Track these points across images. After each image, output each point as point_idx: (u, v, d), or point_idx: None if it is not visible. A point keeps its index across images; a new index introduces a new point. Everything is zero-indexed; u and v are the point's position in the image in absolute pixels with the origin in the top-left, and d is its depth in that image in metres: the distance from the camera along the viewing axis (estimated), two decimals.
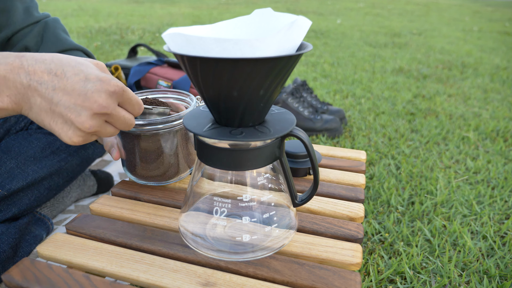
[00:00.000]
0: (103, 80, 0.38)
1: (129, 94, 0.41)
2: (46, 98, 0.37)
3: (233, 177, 0.42)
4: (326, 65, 2.33)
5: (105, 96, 0.38)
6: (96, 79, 0.38)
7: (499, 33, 3.83)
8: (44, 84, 0.37)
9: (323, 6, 6.42)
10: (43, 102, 0.37)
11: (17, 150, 0.69)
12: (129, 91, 0.41)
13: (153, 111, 0.51)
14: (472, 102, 1.68)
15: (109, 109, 0.39)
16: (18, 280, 0.39)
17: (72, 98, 0.37)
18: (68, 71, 0.37)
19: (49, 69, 0.37)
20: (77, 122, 0.38)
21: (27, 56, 0.38)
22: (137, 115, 0.44)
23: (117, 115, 0.40)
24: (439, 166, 1.10)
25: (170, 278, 0.40)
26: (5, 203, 0.66)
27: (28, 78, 0.37)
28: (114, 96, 0.39)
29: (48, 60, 0.38)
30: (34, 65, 0.37)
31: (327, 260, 0.43)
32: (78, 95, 0.37)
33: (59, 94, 0.37)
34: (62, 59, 0.38)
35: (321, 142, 1.24)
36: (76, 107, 0.37)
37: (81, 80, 0.37)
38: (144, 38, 3.12)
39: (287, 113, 0.43)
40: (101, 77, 0.38)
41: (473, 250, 0.75)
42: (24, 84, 0.37)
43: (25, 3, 0.70)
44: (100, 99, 0.38)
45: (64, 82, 0.37)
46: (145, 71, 1.38)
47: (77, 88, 0.37)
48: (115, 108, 0.40)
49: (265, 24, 0.39)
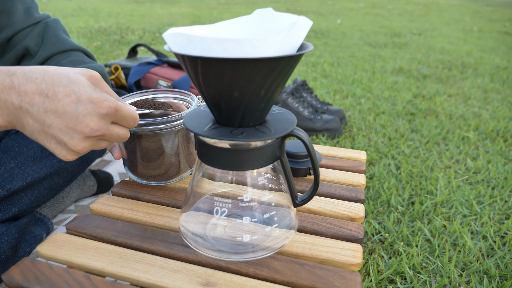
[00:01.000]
0: (95, 102, 0.37)
1: (122, 112, 0.40)
2: (38, 120, 0.37)
3: (233, 177, 0.42)
4: (326, 65, 2.33)
5: (97, 120, 0.38)
6: (88, 101, 0.37)
7: (499, 33, 3.83)
8: (36, 106, 0.36)
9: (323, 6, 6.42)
10: (35, 123, 0.37)
11: (17, 150, 0.69)
12: (122, 109, 0.40)
13: (152, 114, 0.51)
14: (472, 102, 1.68)
15: (101, 131, 0.39)
16: (19, 280, 0.39)
17: (64, 121, 0.37)
18: (59, 92, 0.37)
19: (40, 89, 0.36)
20: (70, 145, 0.38)
21: (18, 74, 0.37)
22: (133, 127, 0.44)
23: (110, 133, 0.40)
24: (439, 166, 1.10)
25: (171, 278, 0.40)
26: (5, 203, 0.66)
27: (19, 99, 0.36)
28: (106, 118, 0.39)
29: (39, 79, 0.37)
30: (25, 85, 0.36)
31: (327, 260, 0.43)
32: (69, 118, 0.37)
33: (50, 116, 0.37)
34: (53, 77, 0.37)
35: (321, 142, 1.24)
36: (68, 130, 0.37)
37: (72, 102, 0.37)
38: (144, 38, 3.12)
39: (287, 113, 0.43)
40: (93, 99, 0.37)
41: (473, 250, 0.75)
42: (16, 105, 0.36)
43: (25, 4, 0.70)
44: (92, 123, 0.37)
45: (56, 104, 0.36)
46: (145, 71, 1.38)
47: (69, 111, 0.37)
48: (108, 128, 0.40)
49: (266, 24, 0.39)
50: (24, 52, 0.70)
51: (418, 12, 5.69)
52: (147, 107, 0.51)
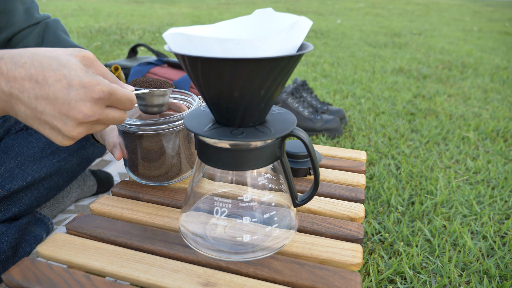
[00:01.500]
0: (87, 86, 0.36)
1: (117, 95, 0.38)
2: (30, 107, 0.36)
3: (233, 177, 0.42)
4: (326, 65, 2.33)
5: (90, 105, 0.36)
6: (80, 85, 0.35)
7: (499, 33, 3.83)
8: (26, 92, 0.35)
9: (323, 6, 6.42)
10: (27, 110, 0.36)
11: (17, 150, 0.69)
12: (117, 92, 0.38)
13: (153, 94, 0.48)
14: (472, 102, 1.68)
15: (95, 116, 0.37)
16: (19, 280, 0.39)
17: (56, 107, 0.35)
18: (49, 77, 0.35)
19: (30, 75, 0.35)
20: (64, 131, 0.37)
21: (6, 58, 0.36)
22: (130, 109, 0.42)
23: (106, 117, 0.39)
24: (439, 166, 1.10)
25: (171, 278, 0.40)
26: (5, 203, 0.66)
27: (9, 86, 0.35)
28: (100, 102, 0.37)
29: (28, 63, 0.35)
30: (14, 70, 0.35)
31: (327, 260, 0.43)
32: (61, 104, 0.35)
33: (42, 103, 0.35)
34: (42, 61, 0.36)
35: (321, 142, 1.24)
36: (61, 116, 0.36)
37: (63, 87, 0.35)
38: (144, 38, 3.12)
39: (287, 113, 0.43)
40: (85, 83, 0.36)
41: (473, 250, 0.75)
42: (6, 92, 0.35)
43: (25, 4, 0.70)
44: (85, 109, 0.36)
45: (46, 90, 0.35)
46: (145, 71, 1.38)
47: (60, 97, 0.35)
48: (102, 113, 0.38)
49: (266, 24, 0.39)
50: None
51: (418, 12, 5.69)
52: (147, 86, 0.49)
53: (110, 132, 0.57)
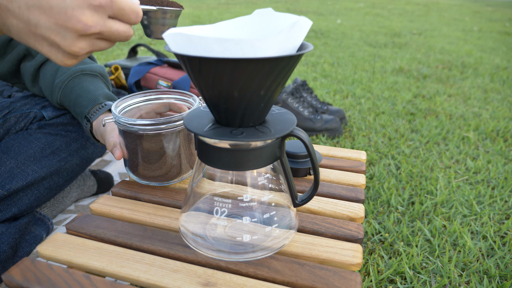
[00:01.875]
0: None
1: (120, 4, 0.34)
2: (22, 19, 0.32)
3: (233, 177, 0.42)
4: (326, 65, 2.33)
5: (89, 13, 0.32)
6: None
7: (499, 33, 3.83)
8: (16, 1, 0.31)
9: (323, 6, 6.42)
10: (20, 24, 0.32)
11: (16, 150, 0.69)
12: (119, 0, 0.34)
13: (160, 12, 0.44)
14: (472, 102, 1.68)
15: (97, 27, 0.33)
16: (19, 280, 0.39)
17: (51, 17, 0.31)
18: None
19: None
20: (63, 46, 0.33)
21: None
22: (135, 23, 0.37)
23: (109, 30, 0.34)
24: (439, 166, 1.10)
25: (171, 278, 0.40)
26: (5, 203, 0.66)
27: None
28: (100, 11, 0.33)
29: None
30: None
31: (327, 260, 0.43)
32: (57, 14, 0.31)
33: (35, 13, 0.31)
34: None
35: (321, 142, 1.24)
36: (59, 29, 0.32)
37: None
38: (144, 38, 3.12)
39: (287, 113, 0.43)
40: None
41: (473, 250, 0.75)
42: None
43: None
44: (84, 17, 0.32)
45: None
46: (145, 71, 1.38)
47: (55, 5, 0.31)
48: (105, 24, 0.34)
49: (266, 24, 0.39)
50: (24, 52, 0.70)
51: (418, 12, 5.69)
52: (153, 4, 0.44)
53: (110, 131, 0.57)
